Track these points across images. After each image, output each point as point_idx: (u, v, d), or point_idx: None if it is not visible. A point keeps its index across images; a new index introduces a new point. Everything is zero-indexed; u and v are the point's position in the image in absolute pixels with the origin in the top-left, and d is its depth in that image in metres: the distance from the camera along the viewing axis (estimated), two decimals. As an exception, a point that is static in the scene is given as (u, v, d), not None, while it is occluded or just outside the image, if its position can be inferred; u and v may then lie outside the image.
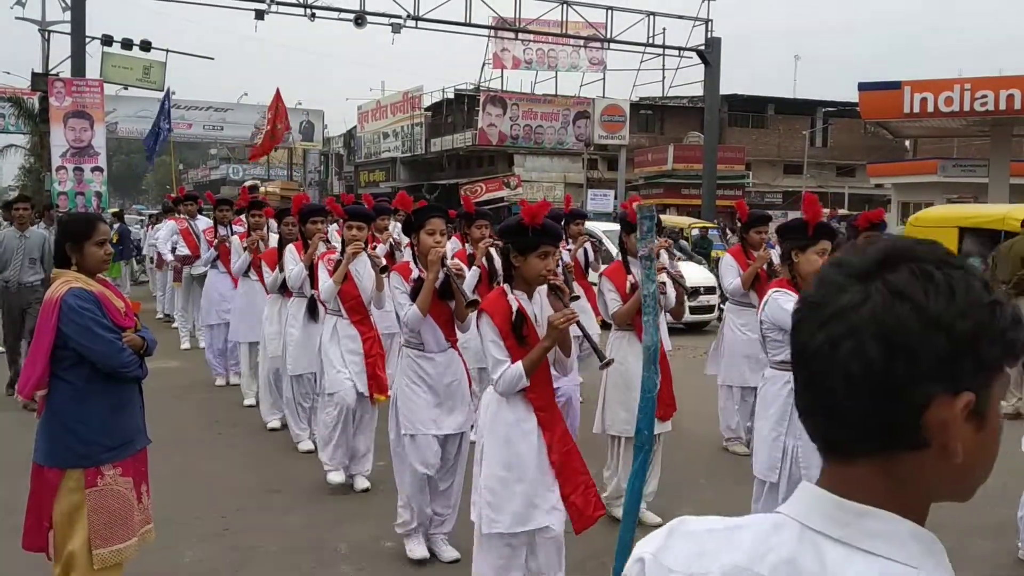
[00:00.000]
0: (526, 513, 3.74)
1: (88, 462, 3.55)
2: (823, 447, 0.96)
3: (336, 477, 5.83)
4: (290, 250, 6.72)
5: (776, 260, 7.03)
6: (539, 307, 3.90)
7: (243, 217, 10.32)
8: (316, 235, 6.42)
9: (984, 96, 20.21)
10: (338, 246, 6.21)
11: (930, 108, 20.88)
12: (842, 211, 31.87)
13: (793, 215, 33.11)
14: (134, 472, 3.71)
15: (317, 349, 6.08)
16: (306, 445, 6.81)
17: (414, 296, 4.59)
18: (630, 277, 5.25)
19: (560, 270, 6.13)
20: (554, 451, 3.79)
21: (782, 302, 4.14)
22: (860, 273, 0.91)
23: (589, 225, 10.15)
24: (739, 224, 7.46)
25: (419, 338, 4.68)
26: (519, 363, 3.71)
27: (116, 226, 16.30)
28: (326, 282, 5.75)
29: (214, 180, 69.45)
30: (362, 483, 5.89)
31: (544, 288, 3.91)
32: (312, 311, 6.57)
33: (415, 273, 4.69)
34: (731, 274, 6.86)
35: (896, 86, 21.35)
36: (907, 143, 36.37)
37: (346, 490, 5.87)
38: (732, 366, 6.98)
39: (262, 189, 33.07)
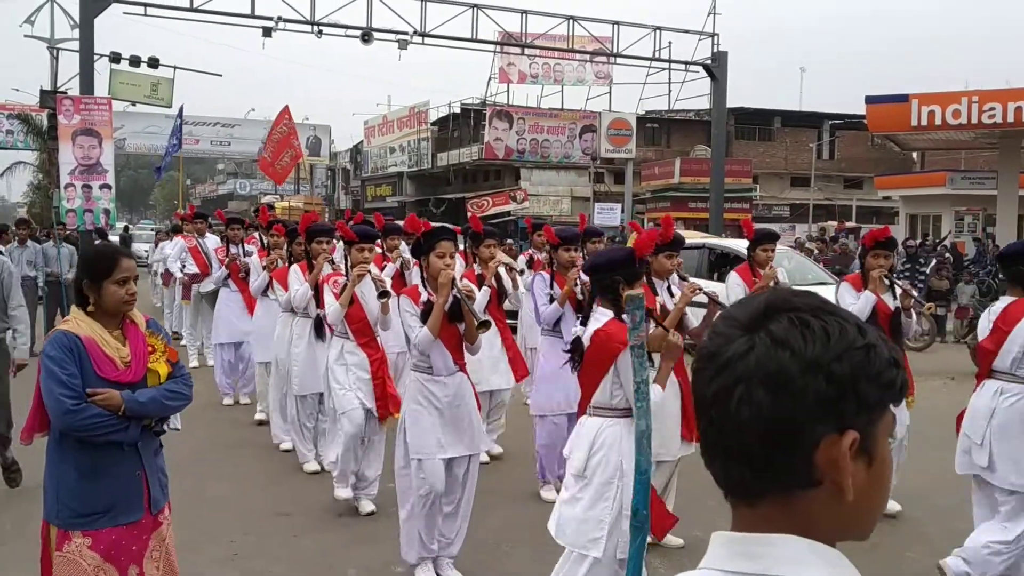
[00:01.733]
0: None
1: (59, 522, 3.19)
2: (727, 491, 1.02)
3: (343, 493, 5.79)
4: (295, 270, 6.70)
5: (783, 278, 7.00)
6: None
7: (257, 235, 10.33)
8: (321, 255, 6.39)
9: (992, 108, 20.12)
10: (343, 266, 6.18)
11: (938, 121, 20.79)
12: (850, 224, 31.85)
13: (800, 228, 32.84)
14: (111, 548, 3.19)
15: (322, 369, 6.06)
16: (312, 466, 6.78)
17: (424, 319, 4.57)
18: (658, 298, 5.18)
19: (579, 289, 6.12)
20: None
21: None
22: (745, 324, 0.99)
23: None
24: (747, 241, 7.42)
25: (428, 361, 4.65)
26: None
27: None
28: (332, 305, 5.72)
29: (221, 195, 69.72)
30: (368, 506, 5.85)
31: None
32: (319, 331, 6.55)
33: (424, 296, 4.66)
34: (737, 292, 6.82)
35: (903, 99, 21.28)
36: (915, 155, 36.30)
37: (356, 513, 5.84)
38: None
39: (283, 204, 33.10)
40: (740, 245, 13.40)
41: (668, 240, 5.22)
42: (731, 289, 6.96)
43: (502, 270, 6.88)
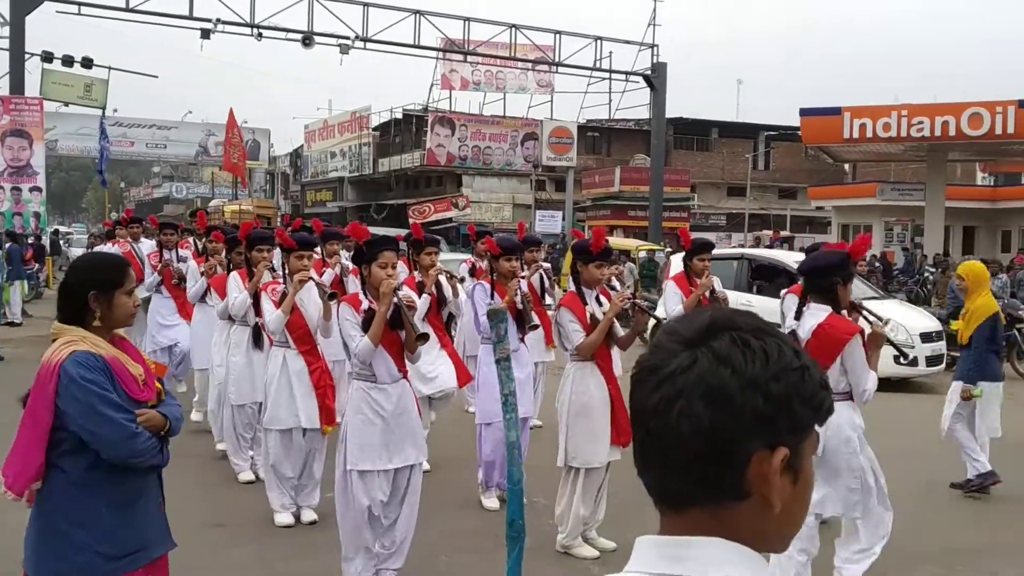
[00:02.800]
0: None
1: (84, 575, 2.83)
2: (658, 499, 1.06)
3: (284, 519, 5.73)
4: (234, 277, 6.61)
5: (719, 287, 7.13)
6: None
7: (191, 240, 10.14)
8: (262, 263, 6.31)
9: (920, 122, 20.78)
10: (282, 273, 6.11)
11: (869, 133, 21.40)
12: (784, 233, 32.50)
13: (736, 237, 33.43)
14: None
15: (261, 378, 5.99)
16: (247, 476, 6.70)
17: (365, 327, 4.55)
18: (588, 308, 5.27)
19: (519, 298, 6.15)
20: None
21: None
22: (688, 340, 1.02)
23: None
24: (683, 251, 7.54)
25: (370, 370, 4.63)
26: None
27: (8, 245, 15.77)
28: (272, 313, 5.66)
29: (157, 198, 68.34)
30: (310, 515, 5.80)
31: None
32: (256, 339, 6.47)
33: (365, 304, 4.64)
34: (674, 301, 6.94)
35: (836, 112, 21.86)
36: (847, 167, 37.24)
37: (295, 523, 5.76)
38: None
39: (233, 207, 32.37)
40: (782, 256, 13.14)
41: (599, 251, 5.30)
42: (668, 298, 7.12)
43: (442, 278, 6.88)
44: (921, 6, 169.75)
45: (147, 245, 10.73)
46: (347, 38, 22.31)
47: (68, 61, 23.22)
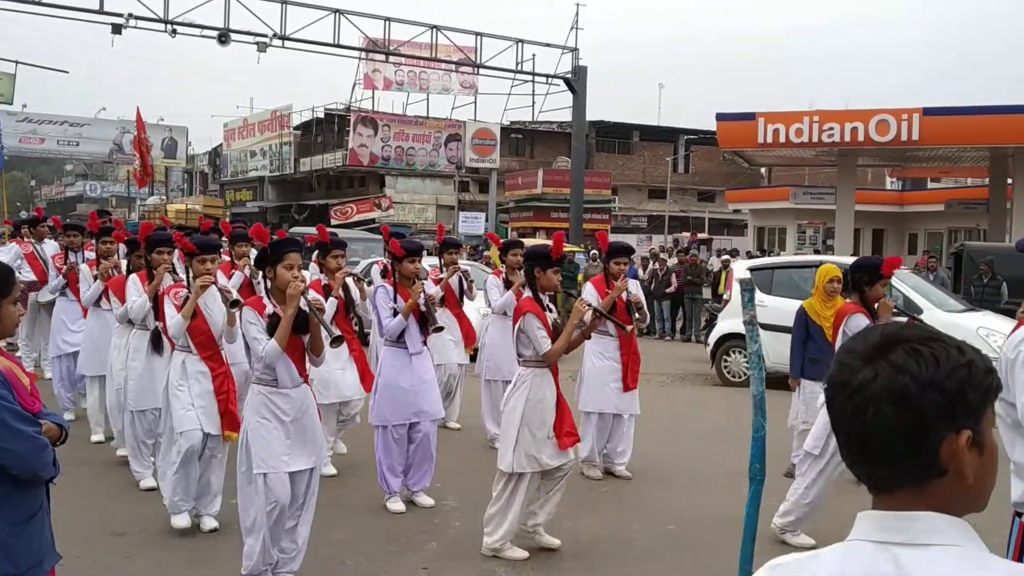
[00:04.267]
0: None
1: None
2: (870, 485, 1.28)
3: (180, 521, 5.60)
4: (133, 280, 6.46)
5: (635, 290, 7.27)
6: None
7: (94, 242, 9.86)
8: (162, 266, 6.19)
9: (831, 128, 21.39)
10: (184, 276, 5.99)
11: (782, 139, 21.95)
12: (702, 235, 33.14)
13: (657, 239, 33.91)
14: None
15: (161, 384, 5.87)
16: (148, 482, 6.55)
17: (271, 332, 4.50)
18: (551, 315, 5.42)
19: (423, 301, 6.15)
20: None
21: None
22: (866, 356, 1.24)
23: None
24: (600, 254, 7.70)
25: (272, 374, 4.59)
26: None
27: None
28: (174, 318, 5.55)
29: (70, 197, 66.23)
30: (210, 523, 5.69)
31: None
32: (156, 344, 6.34)
33: (269, 308, 4.59)
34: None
35: (751, 117, 22.36)
36: (762, 171, 38.14)
37: (194, 532, 5.66)
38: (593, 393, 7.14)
39: (179, 207, 31.26)
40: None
41: (557, 257, 5.44)
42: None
43: (349, 280, 6.84)
44: (837, 16, 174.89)
45: (51, 247, 10.42)
46: (265, 36, 21.97)
47: (-29, 54, 22.35)
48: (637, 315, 6.95)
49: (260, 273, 5.05)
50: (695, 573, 5.33)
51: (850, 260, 6.80)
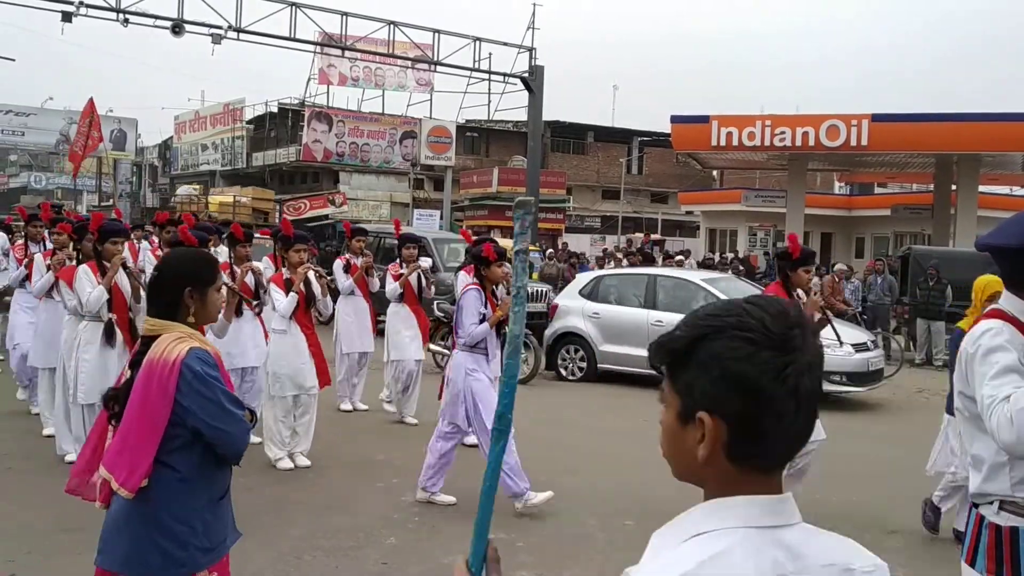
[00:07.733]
0: None
1: (185, 571, 2.79)
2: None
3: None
4: (84, 271, 6.36)
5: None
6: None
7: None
8: (116, 257, 6.13)
9: (783, 132, 21.74)
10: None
11: (735, 142, 22.25)
12: (655, 236, 33.47)
13: (611, 239, 34.13)
14: None
15: (114, 376, 5.82)
16: (72, 458, 6.45)
17: None
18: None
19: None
20: None
21: None
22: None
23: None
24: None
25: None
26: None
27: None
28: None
29: (14, 188, 64.55)
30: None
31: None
32: (109, 336, 6.26)
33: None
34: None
35: (704, 120, 22.62)
36: (715, 173, 38.63)
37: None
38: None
39: (222, 199, 29.16)
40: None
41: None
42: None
43: (311, 275, 6.83)
44: (789, 23, 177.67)
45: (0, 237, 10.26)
46: (219, 27, 21.67)
47: (-88, 39, 21.74)
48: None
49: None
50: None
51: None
